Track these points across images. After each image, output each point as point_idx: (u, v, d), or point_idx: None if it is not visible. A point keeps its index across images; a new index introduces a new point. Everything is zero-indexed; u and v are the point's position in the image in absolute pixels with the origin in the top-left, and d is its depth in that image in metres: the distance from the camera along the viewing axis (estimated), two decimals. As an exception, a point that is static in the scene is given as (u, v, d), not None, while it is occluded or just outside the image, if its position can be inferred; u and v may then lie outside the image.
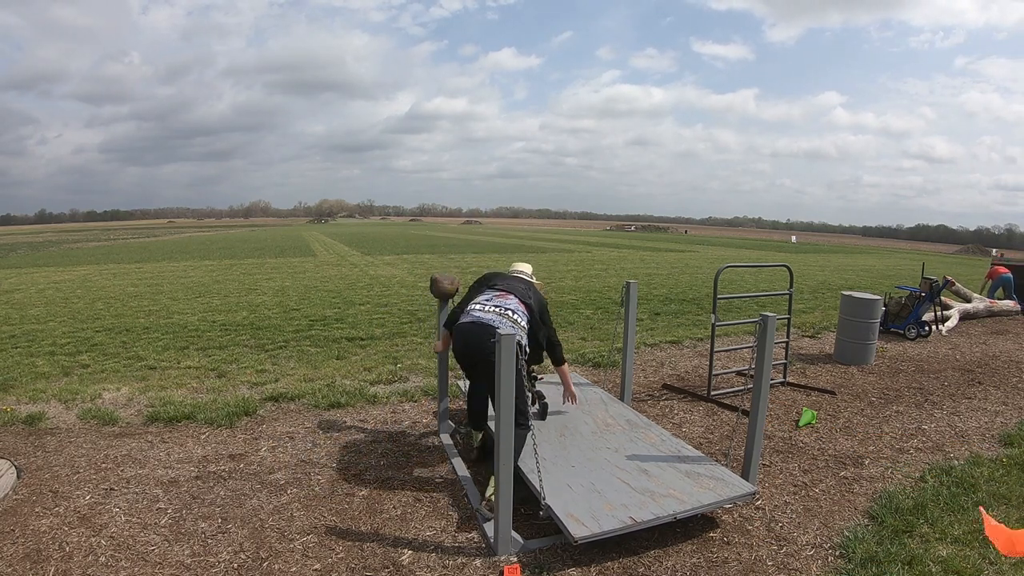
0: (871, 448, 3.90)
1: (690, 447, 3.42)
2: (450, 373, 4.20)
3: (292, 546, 2.64)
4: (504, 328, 2.59)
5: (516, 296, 3.18)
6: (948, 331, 8.02)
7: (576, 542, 2.46)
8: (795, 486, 3.33)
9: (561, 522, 2.57)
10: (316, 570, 2.48)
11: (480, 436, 3.60)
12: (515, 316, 3.07)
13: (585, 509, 2.66)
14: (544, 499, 2.69)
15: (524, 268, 3.62)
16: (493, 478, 2.70)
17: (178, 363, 5.78)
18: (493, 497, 2.65)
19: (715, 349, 5.05)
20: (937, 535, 2.76)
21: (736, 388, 5.08)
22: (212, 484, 3.23)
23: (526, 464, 2.98)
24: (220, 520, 2.85)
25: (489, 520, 2.74)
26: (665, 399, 4.91)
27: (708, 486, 2.88)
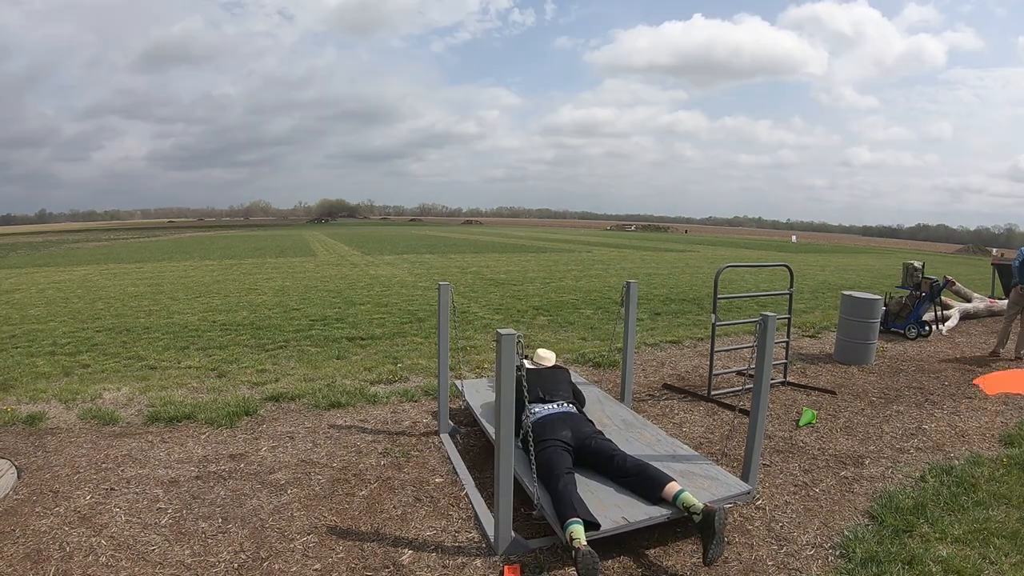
0: (871, 448, 3.90)
1: (686, 446, 3.42)
2: (450, 373, 4.20)
3: (292, 546, 2.65)
4: (507, 331, 2.58)
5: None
6: (948, 331, 8.02)
7: (568, 542, 2.46)
8: (795, 486, 3.33)
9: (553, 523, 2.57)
10: (316, 570, 2.48)
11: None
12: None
13: None
14: (537, 500, 2.69)
15: (548, 355, 3.95)
16: None
17: (178, 363, 5.78)
18: None
19: (715, 349, 5.05)
20: (937, 535, 2.76)
21: (736, 388, 5.07)
22: (212, 484, 3.23)
23: (521, 466, 2.97)
24: (220, 520, 2.85)
25: None
26: (665, 399, 4.91)
27: (703, 486, 2.88)
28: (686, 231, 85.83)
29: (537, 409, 3.22)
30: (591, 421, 3.36)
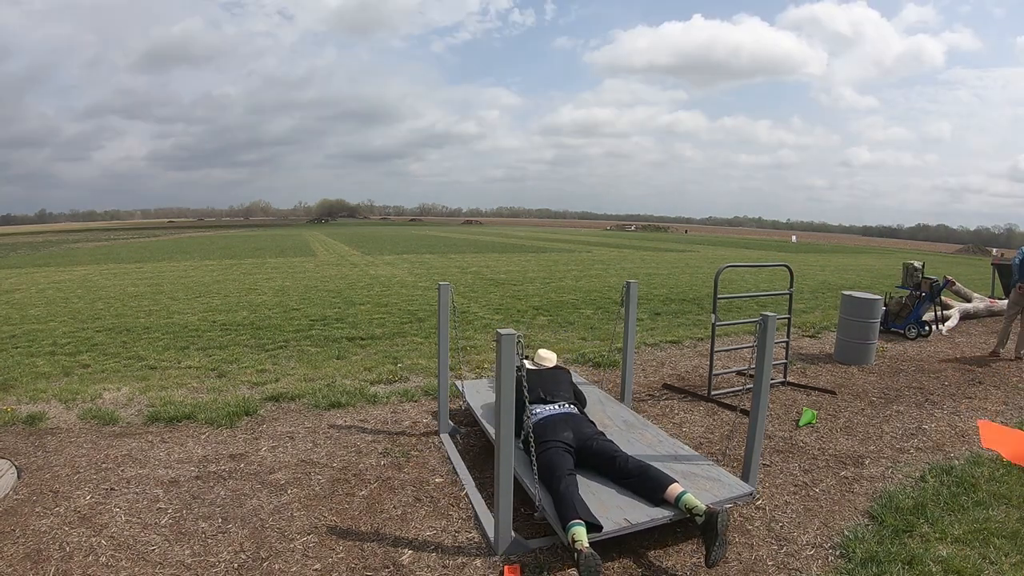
0: (871, 448, 3.90)
1: (687, 447, 3.41)
2: (450, 373, 4.20)
3: (292, 546, 2.65)
4: (507, 331, 2.58)
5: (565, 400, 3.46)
6: (948, 331, 8.02)
7: (570, 544, 2.45)
8: (795, 486, 3.33)
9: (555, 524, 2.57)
10: (316, 570, 2.48)
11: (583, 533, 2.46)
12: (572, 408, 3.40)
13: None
14: (539, 501, 2.69)
15: (549, 356, 3.91)
16: None
17: (178, 363, 5.78)
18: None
19: (715, 349, 5.05)
20: (937, 535, 2.76)
21: (736, 388, 5.07)
22: (212, 484, 3.23)
23: (522, 467, 2.98)
24: (220, 520, 2.85)
25: None
26: (665, 399, 4.91)
27: (704, 487, 2.88)
28: (686, 231, 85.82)
29: (538, 410, 3.22)
30: (592, 422, 3.36)
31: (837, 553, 2.64)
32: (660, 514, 2.62)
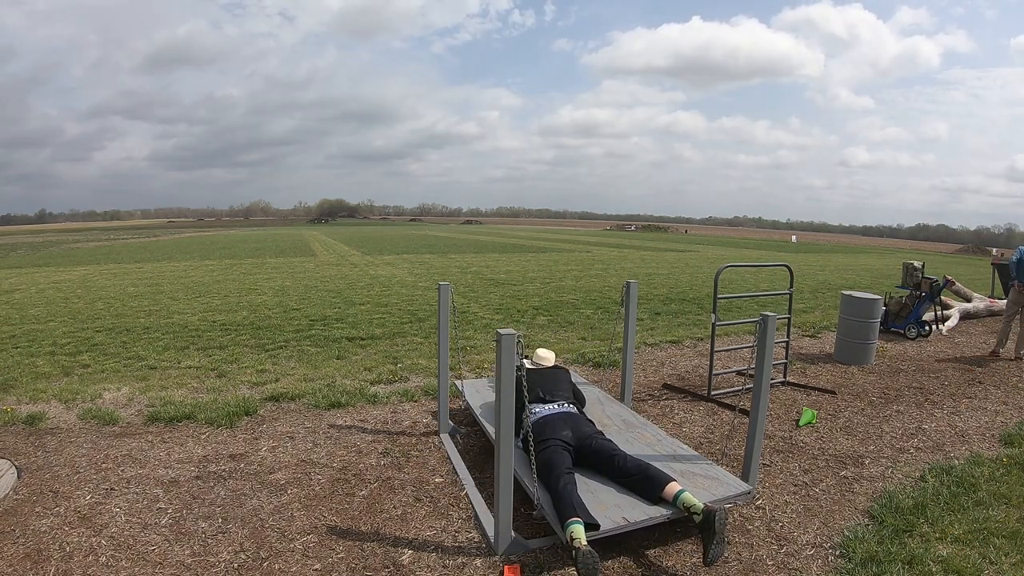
0: (871, 448, 3.90)
1: (686, 446, 3.41)
2: (450, 373, 4.20)
3: (292, 546, 2.65)
4: (507, 331, 2.58)
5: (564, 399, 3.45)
6: (948, 330, 8.02)
7: (568, 542, 2.45)
8: (795, 486, 3.33)
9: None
10: (316, 570, 2.48)
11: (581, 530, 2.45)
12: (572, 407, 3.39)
13: None
14: (537, 500, 2.69)
15: (548, 355, 3.92)
16: None
17: (178, 363, 5.78)
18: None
19: (715, 349, 5.05)
20: (937, 535, 2.76)
21: (736, 388, 5.07)
22: (212, 484, 3.23)
23: (521, 466, 2.98)
24: (220, 520, 2.85)
25: None
26: (665, 399, 4.91)
27: (703, 486, 2.88)
28: (686, 231, 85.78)
29: (538, 409, 3.23)
30: (591, 421, 3.36)
31: (837, 553, 2.64)
32: (658, 512, 2.62)
